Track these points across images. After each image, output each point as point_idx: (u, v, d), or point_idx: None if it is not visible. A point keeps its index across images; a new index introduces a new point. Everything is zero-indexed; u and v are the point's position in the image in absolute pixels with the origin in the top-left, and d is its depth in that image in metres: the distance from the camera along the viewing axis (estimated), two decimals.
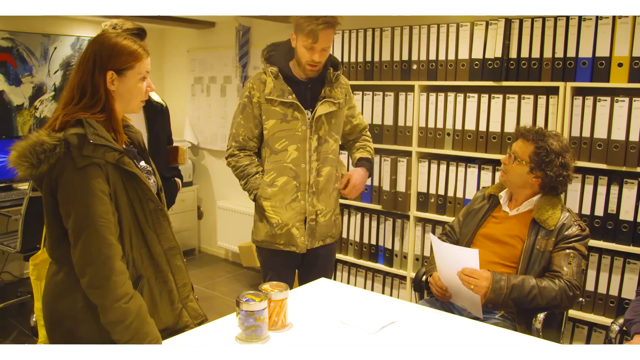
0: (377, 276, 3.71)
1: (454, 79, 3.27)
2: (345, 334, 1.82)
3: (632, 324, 1.92)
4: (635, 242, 2.79)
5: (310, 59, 2.42)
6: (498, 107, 3.12)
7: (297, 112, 2.49)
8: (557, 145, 2.26)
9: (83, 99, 1.59)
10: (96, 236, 1.52)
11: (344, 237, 3.79)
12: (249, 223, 3.87)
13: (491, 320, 2.17)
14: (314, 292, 2.20)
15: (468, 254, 2.07)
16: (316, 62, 2.43)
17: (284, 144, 2.50)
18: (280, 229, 2.53)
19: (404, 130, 3.45)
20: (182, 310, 1.80)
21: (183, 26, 4.87)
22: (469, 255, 2.06)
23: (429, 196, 3.39)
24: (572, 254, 2.18)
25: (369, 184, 3.60)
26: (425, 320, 1.95)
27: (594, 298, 2.92)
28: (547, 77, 2.99)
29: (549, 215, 2.22)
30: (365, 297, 2.18)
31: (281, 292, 1.82)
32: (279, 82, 2.49)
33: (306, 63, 2.44)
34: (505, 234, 2.31)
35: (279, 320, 1.83)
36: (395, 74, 3.49)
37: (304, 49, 2.40)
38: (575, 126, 2.91)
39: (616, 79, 2.81)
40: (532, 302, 2.10)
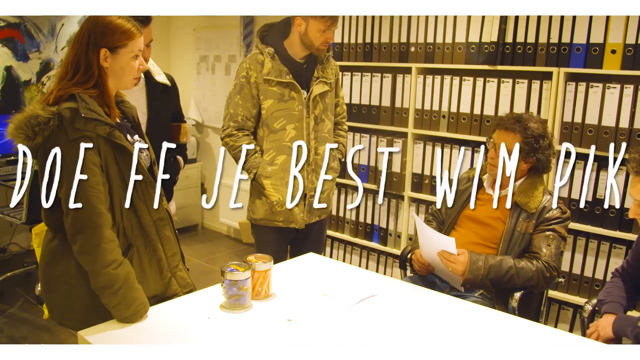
0: (371, 254, 3.80)
1: (451, 62, 3.32)
2: (325, 305, 1.91)
3: (603, 304, 2.00)
4: (622, 228, 2.86)
5: (324, 39, 2.52)
6: (493, 91, 3.17)
7: (294, 92, 2.56)
8: (539, 127, 2.31)
9: (77, 74, 1.67)
10: (87, 205, 1.62)
11: (340, 216, 3.88)
12: None
13: (470, 298, 2.26)
14: (300, 266, 2.30)
15: (445, 241, 2.15)
16: (330, 41, 2.56)
17: (282, 123, 2.57)
18: (280, 207, 2.61)
19: (401, 112, 3.51)
20: (171, 279, 1.89)
21: None
22: (447, 242, 2.14)
23: (423, 177, 3.47)
24: (551, 235, 2.24)
25: (365, 164, 3.68)
26: (404, 295, 2.03)
27: (580, 281, 3.00)
28: (542, 62, 3.03)
29: (530, 198, 2.29)
30: (349, 271, 2.27)
31: (265, 264, 1.91)
32: (276, 62, 2.55)
33: (320, 44, 2.53)
34: (487, 215, 2.37)
35: (263, 290, 1.92)
36: (393, 56, 3.55)
37: (318, 32, 2.49)
38: (567, 111, 2.96)
39: (609, 65, 2.85)
40: (509, 282, 2.18)
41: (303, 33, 2.52)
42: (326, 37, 2.51)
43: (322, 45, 2.53)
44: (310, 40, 2.52)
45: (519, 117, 2.33)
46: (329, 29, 2.50)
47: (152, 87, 2.54)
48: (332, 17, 2.46)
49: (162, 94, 2.58)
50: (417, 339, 1.71)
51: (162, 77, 2.59)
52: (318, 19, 2.46)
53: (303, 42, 2.54)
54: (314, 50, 2.55)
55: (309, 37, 2.51)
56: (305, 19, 2.49)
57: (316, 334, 1.71)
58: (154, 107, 2.52)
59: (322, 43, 2.52)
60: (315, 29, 2.48)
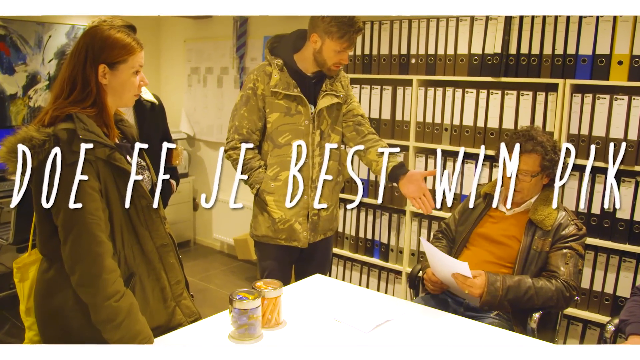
0: (372, 271, 3.71)
1: (453, 74, 3.25)
2: (339, 332, 1.81)
3: (627, 325, 1.92)
4: (632, 241, 2.79)
5: (338, 60, 2.44)
6: (496, 103, 3.10)
7: (301, 106, 2.47)
8: (549, 137, 2.27)
9: (73, 92, 1.56)
10: (86, 233, 1.50)
11: (340, 232, 3.77)
12: (244, 215, 3.85)
13: (487, 319, 2.17)
14: (308, 289, 2.19)
15: (459, 265, 2.06)
16: (343, 63, 2.48)
17: (287, 137, 2.48)
18: (282, 224, 2.51)
19: (402, 125, 3.43)
20: (176, 308, 1.78)
21: (180, 16, 4.83)
22: (460, 266, 2.05)
23: None
24: (569, 253, 2.17)
25: (366, 178, 3.59)
26: (420, 319, 1.94)
27: (589, 296, 2.92)
28: (547, 73, 2.97)
29: (545, 215, 2.21)
30: (360, 294, 2.17)
31: (275, 290, 1.80)
32: (285, 75, 2.46)
33: (332, 65, 2.45)
34: (501, 234, 2.29)
35: (273, 318, 1.81)
36: (393, 68, 3.47)
37: (333, 52, 2.41)
38: (573, 124, 2.89)
39: (616, 77, 2.79)
40: (529, 302, 2.09)
41: (317, 50, 2.43)
42: (340, 58, 2.42)
43: (334, 65, 2.44)
44: (323, 58, 2.43)
45: (529, 135, 2.25)
46: (345, 51, 2.41)
47: (140, 107, 2.43)
48: (349, 40, 2.38)
49: (150, 113, 2.47)
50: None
51: (149, 95, 2.49)
52: (336, 40, 2.38)
53: (316, 59, 2.45)
54: (325, 69, 2.46)
55: (322, 56, 2.43)
56: (322, 37, 2.40)
57: None
58: (144, 128, 2.41)
59: (334, 63, 2.43)
60: (331, 49, 2.40)
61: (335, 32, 2.36)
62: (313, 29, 2.43)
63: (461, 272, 2.05)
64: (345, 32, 2.35)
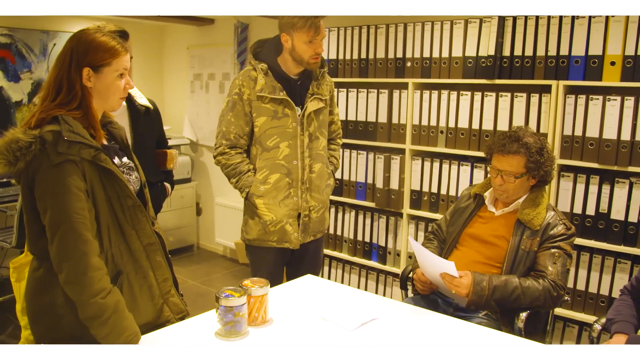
0: (370, 273, 3.72)
1: (448, 77, 3.27)
2: (324, 330, 1.83)
3: (613, 323, 1.93)
4: (626, 242, 2.79)
5: (313, 52, 2.47)
6: (491, 105, 3.12)
7: (288, 109, 2.51)
8: (536, 139, 2.28)
9: (59, 95, 1.60)
10: (72, 232, 1.54)
11: (338, 235, 3.80)
12: None
13: (475, 319, 2.18)
14: (298, 289, 2.22)
15: (446, 265, 2.08)
16: (319, 53, 2.50)
17: (276, 141, 2.52)
18: (273, 226, 2.55)
19: (398, 128, 3.45)
20: (163, 306, 1.81)
21: (183, 23, 4.89)
22: (447, 266, 2.07)
23: (422, 194, 3.40)
24: (557, 253, 2.18)
25: (363, 181, 3.62)
26: (407, 319, 1.96)
27: (585, 297, 2.92)
28: (540, 75, 2.98)
29: (534, 215, 2.22)
30: (349, 294, 2.19)
31: (261, 288, 1.83)
32: (270, 79, 2.50)
33: (310, 58, 2.48)
34: (490, 234, 2.31)
35: (259, 315, 1.84)
36: (389, 72, 3.50)
37: (305, 44, 2.44)
38: (567, 125, 2.90)
39: (609, 77, 2.80)
40: (516, 302, 2.10)
41: (291, 49, 2.48)
42: (314, 49, 2.46)
43: (311, 58, 2.47)
44: (299, 54, 2.47)
45: (515, 136, 2.27)
46: (315, 40, 2.44)
47: (135, 111, 2.47)
48: (314, 26, 2.41)
49: (145, 118, 2.51)
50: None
51: (143, 100, 2.53)
52: (300, 31, 2.42)
53: (294, 58, 2.50)
54: (305, 64, 2.49)
55: (297, 52, 2.47)
56: (290, 34, 2.45)
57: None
58: (138, 132, 2.45)
59: (311, 56, 2.47)
60: (301, 42, 2.44)
61: (298, 22, 2.40)
62: (281, 30, 2.49)
63: (448, 272, 2.07)
64: (307, 19, 2.39)
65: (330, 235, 3.84)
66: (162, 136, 2.71)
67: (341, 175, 3.70)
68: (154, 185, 2.53)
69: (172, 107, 5.49)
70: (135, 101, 2.45)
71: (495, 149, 2.31)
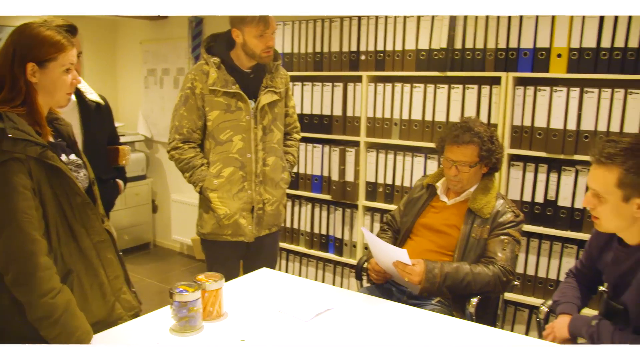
0: (327, 266, 3.76)
1: (401, 70, 3.32)
2: (279, 322, 1.84)
3: (558, 305, 2.00)
4: (573, 228, 2.89)
5: (265, 46, 2.47)
6: (443, 97, 3.18)
7: (241, 102, 2.51)
8: (486, 128, 2.34)
9: (2, 92, 1.56)
10: (19, 232, 1.51)
11: (295, 228, 3.82)
12: None
13: (428, 306, 2.23)
14: (253, 282, 2.23)
15: (399, 253, 2.11)
16: (270, 46, 2.50)
17: (229, 134, 2.51)
18: (227, 220, 2.55)
19: (353, 121, 3.49)
20: (115, 303, 1.79)
21: (136, 18, 4.81)
22: (400, 254, 2.11)
23: (377, 185, 3.45)
24: (506, 240, 2.24)
25: (319, 174, 3.64)
26: (361, 308, 1.99)
27: (534, 282, 3.01)
28: (491, 67, 3.06)
29: (484, 204, 2.28)
30: (304, 285, 2.21)
31: (215, 282, 1.83)
32: (222, 72, 2.50)
33: (261, 51, 2.47)
34: (443, 223, 2.36)
35: (214, 310, 1.84)
36: (344, 65, 3.52)
37: (256, 39, 2.44)
38: (517, 115, 2.98)
39: (555, 69, 2.89)
40: (467, 288, 2.16)
41: (243, 43, 2.48)
42: (266, 42, 2.46)
43: (263, 52, 2.48)
44: (250, 48, 2.47)
45: (467, 126, 2.32)
46: (265, 33, 2.45)
47: (85, 107, 2.42)
48: (263, 20, 2.41)
49: (96, 114, 2.46)
50: (375, 351, 1.66)
51: (94, 95, 2.48)
52: (250, 25, 2.42)
53: (246, 53, 2.50)
54: (257, 58, 2.50)
55: (248, 46, 2.47)
56: (240, 29, 2.45)
57: (271, 353, 1.64)
58: (89, 128, 2.40)
59: (263, 50, 2.47)
60: (252, 36, 2.44)
61: (247, 17, 2.41)
62: (231, 25, 2.49)
63: (401, 260, 2.11)
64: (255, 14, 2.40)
65: (287, 228, 3.85)
66: (113, 132, 2.66)
67: (297, 168, 3.72)
68: (106, 182, 2.49)
69: (125, 103, 5.40)
70: (85, 97, 2.41)
71: (448, 140, 2.35)
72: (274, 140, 2.63)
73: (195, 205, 4.76)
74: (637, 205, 1.64)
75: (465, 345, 1.72)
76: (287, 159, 2.77)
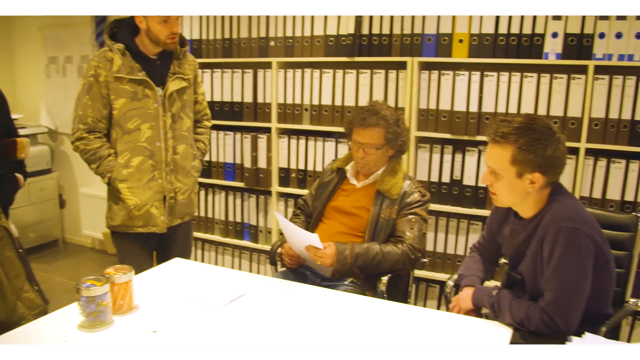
0: (243, 253, 3.76)
1: (310, 55, 3.35)
2: (192, 311, 1.83)
3: (463, 278, 2.11)
4: (477, 205, 3.04)
5: (169, 32, 2.42)
6: (352, 82, 3.24)
7: (148, 90, 2.45)
8: (391, 112, 2.40)
9: None
10: None
11: (209, 217, 3.79)
12: None
13: (341, 287, 2.28)
14: (166, 273, 2.20)
15: (310, 237, 2.14)
16: (175, 33, 2.45)
17: (137, 122, 2.45)
18: (138, 211, 2.49)
19: (264, 107, 3.49)
20: (17, 303, 1.73)
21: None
22: (311, 238, 2.14)
23: (289, 171, 3.47)
24: (413, 219, 2.33)
25: (231, 162, 3.62)
26: (275, 292, 2.01)
27: (444, 258, 3.15)
28: (397, 52, 3.14)
29: (391, 185, 2.36)
30: (217, 273, 2.20)
31: (125, 275, 1.79)
32: (127, 59, 2.43)
33: (166, 38, 2.42)
34: (353, 205, 2.42)
35: (125, 303, 1.81)
36: (253, 51, 3.51)
37: (159, 25, 2.39)
38: (422, 99, 3.09)
39: (458, 54, 3.01)
40: (377, 267, 2.23)
41: (147, 29, 2.42)
42: (170, 28, 2.41)
43: (168, 38, 2.43)
44: (155, 35, 2.41)
45: (373, 109, 2.38)
46: (170, 19, 2.40)
47: None
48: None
49: None
50: (290, 333, 1.69)
51: None
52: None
53: (150, 39, 2.44)
54: (162, 44, 2.45)
55: (153, 33, 2.41)
56: (144, 15, 2.38)
57: (184, 342, 1.63)
58: None
59: (167, 36, 2.42)
60: (155, 22, 2.39)
61: None
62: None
63: (313, 243, 2.14)
64: None
65: (202, 217, 3.82)
66: (9, 124, 2.52)
67: (209, 156, 3.68)
68: (3, 177, 2.37)
69: (25, 94, 5.11)
70: None
71: (355, 123, 2.40)
72: (184, 127, 2.60)
73: (105, 198, 4.61)
74: (529, 180, 1.75)
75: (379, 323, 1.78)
76: (198, 147, 2.74)
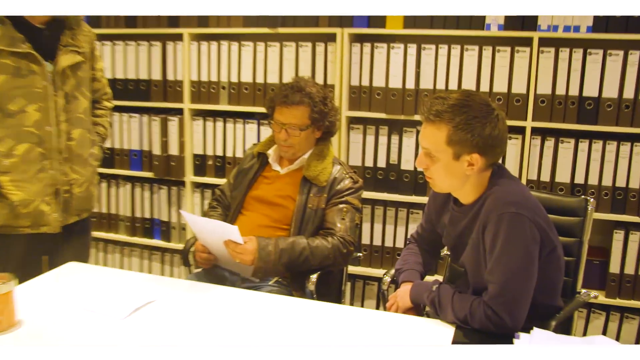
0: (154, 254, 3.67)
1: (227, 26, 3.28)
2: (89, 324, 1.74)
3: (400, 273, 2.10)
4: (417, 192, 3.07)
5: None
6: (275, 56, 3.19)
7: (34, 65, 2.31)
8: (319, 89, 2.38)
9: None
10: None
11: (113, 213, 3.67)
12: None
13: (265, 287, 2.24)
14: (59, 280, 2.09)
15: (228, 230, 2.08)
16: None
17: (21, 104, 2.31)
18: (24, 207, 2.35)
19: (174, 85, 3.40)
20: None
21: None
22: (230, 230, 2.08)
23: (206, 158, 3.41)
24: (345, 208, 2.31)
25: (138, 149, 3.51)
26: (188, 296, 1.95)
27: (382, 252, 3.17)
28: (325, 23, 3.12)
29: (319, 171, 2.33)
30: (121, 278, 2.11)
31: (4, 285, 1.68)
32: (7, 28, 2.28)
33: None
34: (276, 194, 2.38)
35: (4, 319, 1.69)
36: (161, 21, 3.41)
37: None
38: (354, 75, 3.08)
39: (392, 25, 3.02)
40: (305, 264, 2.20)
41: None
42: None
43: None
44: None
45: (298, 86, 2.35)
46: None
47: None
48: None
49: None
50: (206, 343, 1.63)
51: None
52: None
53: None
54: None
55: None
56: None
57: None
58: None
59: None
60: None
61: None
62: None
63: (232, 237, 2.08)
64: None
65: (103, 214, 3.69)
66: None
67: (111, 143, 3.55)
68: None
69: None
70: None
71: (277, 101, 2.36)
72: (80, 109, 2.47)
73: None
74: (467, 162, 1.76)
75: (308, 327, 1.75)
76: (97, 132, 2.62)
